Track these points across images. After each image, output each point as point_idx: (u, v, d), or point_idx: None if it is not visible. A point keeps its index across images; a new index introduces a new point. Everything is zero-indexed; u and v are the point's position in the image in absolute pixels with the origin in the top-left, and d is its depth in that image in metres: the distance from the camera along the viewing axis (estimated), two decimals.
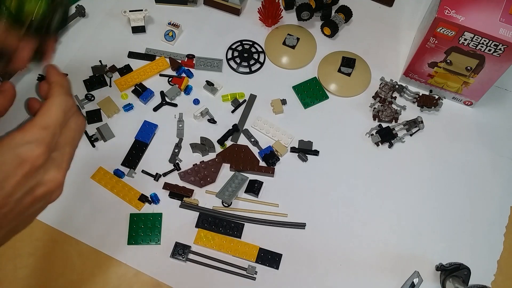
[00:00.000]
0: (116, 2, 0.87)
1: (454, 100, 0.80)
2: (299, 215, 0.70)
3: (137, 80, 0.79)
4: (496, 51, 0.66)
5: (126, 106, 0.77)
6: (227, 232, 0.68)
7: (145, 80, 0.79)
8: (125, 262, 0.66)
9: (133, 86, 0.78)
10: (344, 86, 0.80)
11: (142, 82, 0.79)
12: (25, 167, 0.41)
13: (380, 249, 0.69)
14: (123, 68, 0.80)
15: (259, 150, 0.75)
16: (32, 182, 0.42)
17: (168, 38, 0.83)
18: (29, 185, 0.42)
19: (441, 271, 0.66)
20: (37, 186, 0.43)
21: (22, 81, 0.79)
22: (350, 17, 0.85)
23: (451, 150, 0.76)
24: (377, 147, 0.76)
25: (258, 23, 0.86)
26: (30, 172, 0.41)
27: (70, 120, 0.46)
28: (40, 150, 0.42)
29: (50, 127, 0.44)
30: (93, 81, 0.79)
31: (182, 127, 0.76)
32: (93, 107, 0.77)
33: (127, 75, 0.79)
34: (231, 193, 0.69)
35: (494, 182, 0.74)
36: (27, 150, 0.41)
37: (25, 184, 0.42)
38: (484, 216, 0.72)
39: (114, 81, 0.79)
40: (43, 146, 0.42)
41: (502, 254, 0.69)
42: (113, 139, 0.75)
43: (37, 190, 0.43)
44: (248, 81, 0.81)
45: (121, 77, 0.79)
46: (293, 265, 0.67)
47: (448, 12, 0.65)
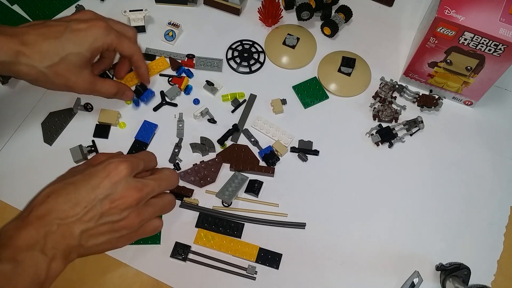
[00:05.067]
0: (116, 2, 0.87)
1: (454, 100, 0.80)
2: (299, 215, 0.70)
3: (137, 80, 0.78)
4: (496, 51, 0.66)
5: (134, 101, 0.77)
6: (227, 232, 0.68)
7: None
8: (125, 262, 0.66)
9: (134, 86, 0.78)
10: (344, 86, 0.80)
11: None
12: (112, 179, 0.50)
13: (380, 249, 0.69)
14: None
15: (259, 150, 0.75)
16: (117, 214, 0.50)
17: (168, 38, 0.83)
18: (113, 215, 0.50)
19: (441, 271, 0.66)
20: (119, 220, 0.50)
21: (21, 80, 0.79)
22: (350, 17, 0.84)
23: (451, 150, 0.76)
24: (377, 147, 0.76)
25: (258, 23, 0.86)
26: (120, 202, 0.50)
27: (165, 195, 0.55)
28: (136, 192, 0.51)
29: (156, 180, 0.54)
30: None
31: (182, 127, 0.76)
32: (94, 121, 0.76)
33: (126, 75, 0.79)
34: (231, 193, 0.69)
35: (494, 182, 0.74)
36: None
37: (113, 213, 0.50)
38: (484, 216, 0.72)
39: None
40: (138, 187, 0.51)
41: (502, 254, 0.69)
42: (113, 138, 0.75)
43: (118, 221, 0.50)
44: (248, 81, 0.81)
45: None
46: (293, 265, 0.67)
47: (448, 12, 0.65)
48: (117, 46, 0.67)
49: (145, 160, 0.53)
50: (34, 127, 0.75)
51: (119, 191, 0.48)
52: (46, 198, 0.47)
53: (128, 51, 0.69)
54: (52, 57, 0.62)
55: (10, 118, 0.76)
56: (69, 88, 0.66)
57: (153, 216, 0.52)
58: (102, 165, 0.49)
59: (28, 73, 0.62)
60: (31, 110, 0.77)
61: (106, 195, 0.47)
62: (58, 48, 0.62)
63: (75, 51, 0.63)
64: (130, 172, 0.49)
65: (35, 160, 0.73)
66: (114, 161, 0.49)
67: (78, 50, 0.63)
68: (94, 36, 0.64)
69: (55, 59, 0.62)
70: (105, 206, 0.47)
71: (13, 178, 0.72)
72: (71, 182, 0.48)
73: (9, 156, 0.73)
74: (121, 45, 0.68)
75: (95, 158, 0.53)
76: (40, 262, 0.45)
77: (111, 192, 0.47)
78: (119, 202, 0.48)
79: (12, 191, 0.71)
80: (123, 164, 0.49)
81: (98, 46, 0.65)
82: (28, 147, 0.74)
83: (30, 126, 0.75)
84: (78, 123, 0.76)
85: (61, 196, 0.47)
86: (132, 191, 0.49)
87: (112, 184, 0.48)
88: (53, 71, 0.62)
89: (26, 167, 0.72)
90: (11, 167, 0.72)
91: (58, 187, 0.48)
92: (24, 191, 0.70)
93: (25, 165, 0.73)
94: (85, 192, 0.47)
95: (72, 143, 0.73)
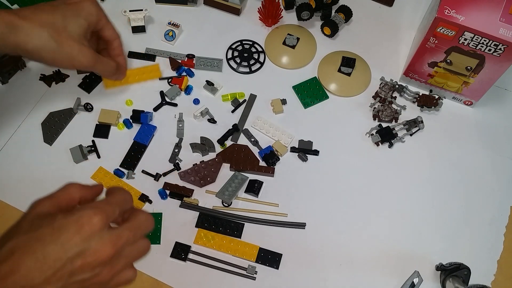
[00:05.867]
0: (116, 2, 0.87)
1: (454, 100, 0.80)
2: (299, 215, 0.70)
3: (125, 82, 0.78)
4: (496, 51, 0.66)
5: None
6: (227, 232, 0.68)
7: (134, 83, 0.79)
8: None
9: (120, 86, 0.78)
10: (344, 86, 0.80)
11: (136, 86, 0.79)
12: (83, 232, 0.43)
13: (380, 249, 0.69)
14: None
15: (259, 150, 0.75)
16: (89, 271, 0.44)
17: (168, 38, 0.83)
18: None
19: (441, 271, 0.66)
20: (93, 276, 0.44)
21: (20, 79, 0.79)
22: (350, 17, 0.84)
23: (451, 150, 0.76)
24: (377, 147, 0.76)
25: (258, 23, 0.86)
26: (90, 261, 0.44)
27: (139, 242, 0.48)
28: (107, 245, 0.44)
29: (131, 229, 0.47)
30: (87, 82, 0.79)
31: (182, 127, 0.76)
32: (94, 122, 0.76)
33: (129, 74, 0.79)
34: (231, 193, 0.69)
35: (494, 182, 0.74)
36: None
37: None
38: (484, 216, 0.72)
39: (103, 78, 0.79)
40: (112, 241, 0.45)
41: (502, 254, 0.69)
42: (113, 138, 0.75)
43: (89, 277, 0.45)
44: (248, 81, 0.81)
45: None
46: (293, 265, 0.67)
47: (448, 12, 0.65)
48: (105, 25, 0.69)
49: (121, 204, 0.48)
50: (34, 127, 0.75)
51: (92, 247, 0.43)
52: (10, 255, 0.42)
53: (113, 34, 0.71)
54: (53, 24, 0.62)
55: (10, 118, 0.76)
56: (73, 60, 0.65)
57: (126, 266, 0.47)
58: (73, 217, 0.43)
59: (27, 41, 0.60)
60: (31, 110, 0.77)
61: (77, 252, 0.42)
62: (57, 18, 0.62)
63: (74, 21, 0.64)
64: (103, 225, 0.44)
65: (35, 160, 0.73)
66: (87, 213, 0.44)
67: (77, 20, 0.64)
68: (88, 8, 0.66)
69: (56, 26, 0.62)
70: (75, 264, 0.42)
71: (13, 178, 0.72)
72: (38, 237, 0.43)
73: (9, 156, 0.73)
74: (108, 26, 0.70)
75: (66, 194, 0.47)
76: None
77: (83, 249, 0.43)
78: (92, 259, 0.43)
79: (12, 191, 0.71)
80: (97, 216, 0.44)
81: (92, 19, 0.67)
82: (28, 147, 0.74)
83: (30, 126, 0.75)
84: (78, 123, 0.76)
85: (27, 254, 0.42)
86: (106, 246, 0.44)
87: (84, 240, 0.43)
88: (55, 37, 0.62)
89: (26, 167, 0.72)
90: (11, 167, 0.72)
91: (23, 242, 0.43)
92: (24, 191, 0.71)
93: (25, 165, 0.73)
94: (54, 249, 0.42)
95: (72, 143, 0.73)
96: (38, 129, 0.75)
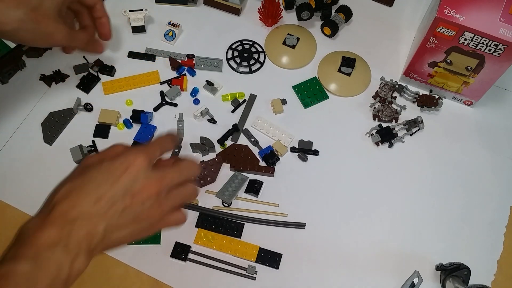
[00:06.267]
0: (116, 2, 0.87)
1: (454, 100, 0.80)
2: (299, 215, 0.70)
3: (124, 88, 0.78)
4: (496, 51, 0.66)
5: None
6: (227, 232, 0.68)
7: (132, 89, 0.79)
8: (125, 262, 0.66)
9: (119, 92, 0.78)
10: (344, 86, 0.80)
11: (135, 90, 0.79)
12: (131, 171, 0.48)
13: (380, 249, 0.69)
14: (107, 67, 0.80)
15: (259, 150, 0.75)
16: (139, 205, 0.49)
17: (168, 38, 0.83)
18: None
19: (441, 271, 0.66)
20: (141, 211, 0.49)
21: (20, 79, 0.79)
22: (350, 17, 0.84)
23: (451, 150, 0.76)
24: (377, 147, 0.76)
25: (258, 23, 0.86)
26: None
27: (186, 186, 0.52)
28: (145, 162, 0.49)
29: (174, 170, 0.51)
30: (84, 82, 0.79)
31: (182, 127, 0.76)
32: (94, 122, 0.76)
33: (114, 81, 0.79)
34: (231, 193, 0.69)
35: (494, 182, 0.74)
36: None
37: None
38: (484, 216, 0.72)
39: (102, 83, 0.79)
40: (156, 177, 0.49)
41: (502, 254, 0.69)
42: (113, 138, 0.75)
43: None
44: (248, 81, 0.81)
45: (110, 80, 0.79)
46: (293, 265, 0.67)
47: (448, 12, 0.65)
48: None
49: (161, 145, 0.52)
50: (34, 127, 0.75)
51: (139, 184, 0.48)
52: (67, 195, 0.46)
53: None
54: (29, 3, 0.60)
55: (10, 118, 0.76)
56: (49, 37, 0.65)
57: (174, 206, 0.51)
58: (119, 160, 0.48)
59: (4, 22, 0.59)
60: (31, 110, 0.77)
61: (126, 189, 0.47)
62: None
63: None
64: (148, 164, 0.48)
65: (35, 160, 0.73)
66: (131, 154, 0.49)
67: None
68: None
69: (32, 4, 0.61)
70: (126, 200, 0.47)
71: (13, 178, 0.72)
72: (91, 178, 0.48)
73: (9, 156, 0.73)
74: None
75: (111, 149, 0.52)
76: (63, 260, 0.44)
77: (131, 186, 0.47)
78: (140, 195, 0.48)
79: (12, 191, 0.71)
80: (140, 156, 0.48)
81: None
82: (28, 147, 0.74)
83: (30, 126, 0.75)
84: (78, 123, 0.76)
85: (83, 192, 0.47)
86: (151, 183, 0.48)
87: (132, 178, 0.47)
88: (32, 17, 0.61)
89: (26, 167, 0.72)
90: (11, 167, 0.72)
91: (78, 183, 0.48)
92: (24, 191, 0.71)
93: (25, 165, 0.73)
94: (105, 188, 0.47)
95: (72, 143, 0.73)
96: (38, 129, 0.75)
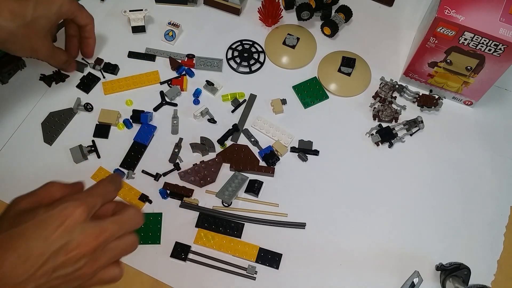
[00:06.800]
0: (116, 2, 0.87)
1: (454, 100, 0.80)
2: (299, 215, 0.70)
3: (125, 88, 0.78)
4: (496, 51, 0.66)
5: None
6: (227, 232, 0.68)
7: (133, 89, 0.79)
8: (125, 262, 0.66)
9: (119, 92, 0.78)
10: (344, 86, 0.80)
11: (135, 90, 0.79)
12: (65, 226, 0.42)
13: (380, 249, 0.69)
14: (110, 65, 0.80)
15: (259, 150, 0.75)
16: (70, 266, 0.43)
17: (168, 38, 0.83)
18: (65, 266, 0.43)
19: (441, 271, 0.66)
20: (73, 272, 0.43)
21: (20, 79, 0.79)
22: (350, 17, 0.84)
23: (451, 150, 0.76)
24: (377, 147, 0.76)
25: (258, 23, 0.86)
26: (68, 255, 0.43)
27: (126, 237, 0.47)
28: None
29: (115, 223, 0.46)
30: (84, 82, 0.79)
31: (177, 124, 0.76)
32: (94, 122, 0.76)
33: (114, 80, 0.79)
34: (231, 193, 0.69)
35: (494, 182, 0.74)
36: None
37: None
38: (484, 216, 0.72)
39: (102, 82, 0.79)
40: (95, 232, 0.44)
41: (502, 254, 0.69)
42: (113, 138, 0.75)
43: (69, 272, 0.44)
44: (248, 81, 0.81)
45: (110, 80, 0.79)
46: (293, 265, 0.67)
47: (448, 12, 0.65)
48: (78, 14, 0.71)
49: (103, 194, 0.47)
50: (34, 127, 0.75)
51: (75, 241, 0.42)
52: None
53: (86, 20, 0.73)
54: (24, 18, 0.62)
55: (10, 118, 0.76)
56: (34, 52, 0.67)
57: (111, 262, 0.46)
58: (55, 210, 0.43)
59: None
60: (31, 110, 0.77)
61: (60, 246, 0.42)
62: (29, 9, 0.63)
63: (44, 15, 0.65)
64: (86, 217, 0.43)
65: (35, 160, 0.73)
66: (69, 205, 0.43)
67: (47, 13, 0.65)
68: (61, 1, 0.67)
69: (26, 20, 0.62)
70: (59, 259, 0.42)
71: (13, 178, 0.72)
72: (20, 232, 0.42)
73: (9, 156, 0.73)
74: (81, 13, 0.71)
75: (47, 190, 0.47)
76: None
77: (66, 243, 0.42)
78: (74, 253, 0.42)
79: (12, 191, 0.70)
80: (79, 207, 0.43)
81: (64, 12, 0.68)
82: (28, 147, 0.74)
83: (30, 126, 0.75)
84: (78, 123, 0.76)
85: (10, 250, 0.41)
86: (88, 239, 0.43)
87: (67, 233, 0.42)
88: (23, 32, 0.63)
89: (26, 167, 0.72)
90: (11, 167, 0.72)
91: (5, 238, 0.42)
92: (24, 191, 0.70)
93: (25, 165, 0.73)
94: (37, 243, 0.41)
95: (72, 143, 0.73)
96: (38, 129, 0.75)
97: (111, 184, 0.49)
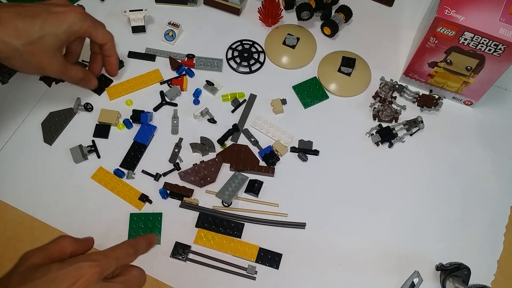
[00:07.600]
0: (116, 2, 0.87)
1: (454, 100, 0.80)
2: (299, 215, 0.70)
3: (128, 90, 0.78)
4: (496, 51, 0.66)
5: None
6: (227, 232, 0.68)
7: (137, 90, 0.79)
8: None
9: (124, 96, 0.78)
10: (344, 86, 0.80)
11: (137, 91, 0.79)
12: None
13: (380, 249, 0.69)
14: None
15: (259, 150, 0.75)
16: None
17: (168, 38, 0.83)
18: None
19: (441, 271, 0.66)
20: None
21: (20, 79, 0.79)
22: (350, 17, 0.84)
23: (451, 150, 0.76)
24: (377, 147, 0.76)
25: (258, 23, 0.86)
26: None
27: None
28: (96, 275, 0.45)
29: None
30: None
31: (177, 124, 0.76)
32: (94, 122, 0.76)
33: (117, 85, 0.79)
34: (231, 193, 0.69)
35: (494, 182, 0.74)
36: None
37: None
38: (484, 216, 0.72)
39: (106, 89, 0.78)
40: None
41: (502, 254, 0.69)
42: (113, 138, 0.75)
43: None
44: (248, 81, 0.81)
45: (112, 85, 0.79)
46: (293, 265, 0.67)
47: (448, 12, 0.65)
48: (93, 32, 0.68)
49: (120, 259, 0.48)
50: (34, 127, 0.75)
51: None
52: None
53: (103, 38, 0.70)
54: (29, 36, 0.61)
55: (10, 118, 0.76)
56: (41, 70, 0.66)
57: None
58: (69, 269, 0.43)
59: (2, 50, 0.60)
60: (31, 110, 0.77)
61: None
62: (35, 28, 0.61)
63: (52, 33, 0.63)
64: (99, 278, 0.44)
65: (35, 160, 0.73)
66: (84, 266, 0.44)
67: (56, 31, 0.63)
68: (71, 20, 0.64)
69: (32, 37, 0.61)
70: None
71: (13, 178, 0.72)
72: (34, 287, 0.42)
73: (9, 156, 0.73)
74: (96, 31, 0.68)
75: (58, 245, 0.47)
76: None
77: None
78: None
79: (12, 191, 0.71)
80: (94, 269, 0.44)
81: (75, 30, 0.65)
82: (28, 147, 0.74)
83: (30, 126, 0.75)
84: (78, 123, 0.76)
85: None
86: None
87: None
88: (28, 50, 0.61)
89: (26, 167, 0.72)
90: (11, 167, 0.72)
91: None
92: (24, 191, 0.71)
93: (25, 165, 0.73)
94: None
95: (72, 143, 0.73)
96: (38, 129, 0.75)
97: (131, 248, 0.50)
